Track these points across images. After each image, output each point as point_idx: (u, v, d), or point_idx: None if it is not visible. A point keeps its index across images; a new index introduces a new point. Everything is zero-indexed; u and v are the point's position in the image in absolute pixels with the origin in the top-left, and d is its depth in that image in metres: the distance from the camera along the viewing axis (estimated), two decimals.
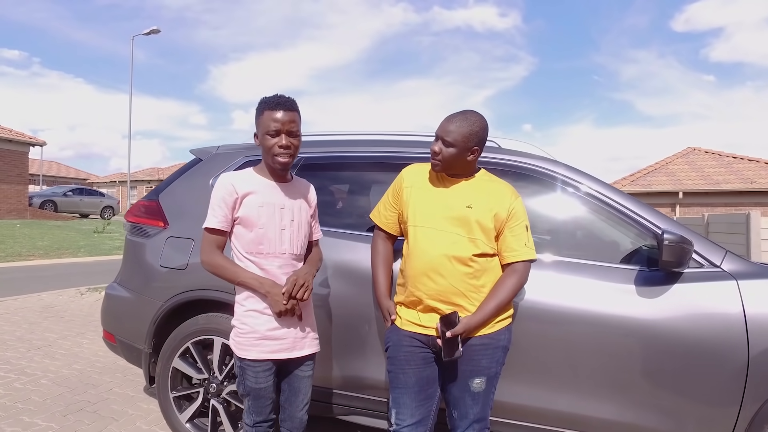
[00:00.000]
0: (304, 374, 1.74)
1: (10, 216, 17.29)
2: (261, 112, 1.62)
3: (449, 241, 1.62)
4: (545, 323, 1.89)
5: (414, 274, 1.65)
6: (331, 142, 2.49)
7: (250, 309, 1.65)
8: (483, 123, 1.65)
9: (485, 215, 1.63)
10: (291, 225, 1.69)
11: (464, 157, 1.63)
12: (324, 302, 2.13)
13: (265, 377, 1.66)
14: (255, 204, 1.64)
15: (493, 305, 1.62)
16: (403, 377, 1.68)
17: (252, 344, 1.64)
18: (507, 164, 2.18)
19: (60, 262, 9.14)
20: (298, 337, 1.69)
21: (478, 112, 1.67)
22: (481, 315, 1.61)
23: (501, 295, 1.63)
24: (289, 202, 1.70)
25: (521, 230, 1.66)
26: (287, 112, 1.60)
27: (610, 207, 2.04)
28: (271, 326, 1.64)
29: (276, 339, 1.65)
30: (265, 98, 1.64)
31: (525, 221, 1.68)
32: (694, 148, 17.37)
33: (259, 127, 1.64)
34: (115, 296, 2.57)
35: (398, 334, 1.70)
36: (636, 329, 1.82)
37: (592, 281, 1.91)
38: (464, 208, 1.64)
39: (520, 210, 1.67)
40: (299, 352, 1.70)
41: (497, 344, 1.66)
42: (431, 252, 1.62)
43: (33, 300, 5.61)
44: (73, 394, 2.94)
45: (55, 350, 3.77)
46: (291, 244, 1.68)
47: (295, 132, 1.63)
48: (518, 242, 1.65)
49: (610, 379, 1.84)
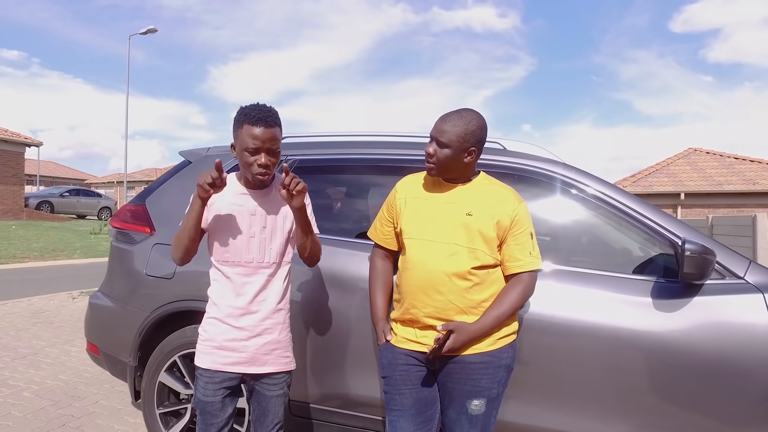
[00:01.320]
0: (272, 393, 1.61)
1: (6, 217, 17.14)
2: (239, 125, 1.50)
3: (447, 254, 1.49)
4: (552, 337, 1.76)
5: (410, 290, 1.53)
6: (328, 144, 2.36)
7: (211, 316, 1.59)
8: (480, 121, 1.52)
9: (487, 223, 1.50)
10: (262, 232, 1.57)
11: (461, 159, 1.51)
12: (319, 313, 2.00)
13: (213, 390, 1.55)
14: (224, 210, 1.56)
15: (494, 315, 1.49)
16: (400, 398, 1.55)
17: (207, 352, 1.56)
18: (512, 167, 2.05)
19: (55, 265, 9.01)
20: (261, 352, 1.57)
21: (475, 110, 1.54)
22: (479, 323, 1.48)
23: (503, 307, 1.50)
24: (264, 209, 1.59)
25: (525, 238, 1.53)
26: (268, 128, 1.47)
27: (624, 214, 1.92)
28: (228, 336, 1.55)
29: (232, 350, 1.55)
30: (245, 110, 1.50)
31: (530, 228, 1.55)
32: (696, 149, 17.27)
33: (236, 140, 1.52)
34: (99, 306, 2.43)
35: (393, 352, 1.58)
36: (653, 345, 1.69)
37: (603, 293, 1.78)
38: (464, 215, 1.51)
39: (524, 216, 1.54)
40: (260, 368, 1.57)
41: (499, 363, 1.52)
42: (428, 266, 1.50)
43: (23, 305, 5.47)
44: (57, 407, 2.81)
45: (42, 359, 3.64)
46: (260, 252, 1.57)
47: (276, 150, 1.52)
48: (522, 251, 1.52)
49: (624, 399, 1.71)
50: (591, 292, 1.79)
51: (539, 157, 2.11)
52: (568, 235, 2.09)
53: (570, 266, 1.87)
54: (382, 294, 1.67)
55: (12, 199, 17.65)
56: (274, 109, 1.53)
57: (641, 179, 16.01)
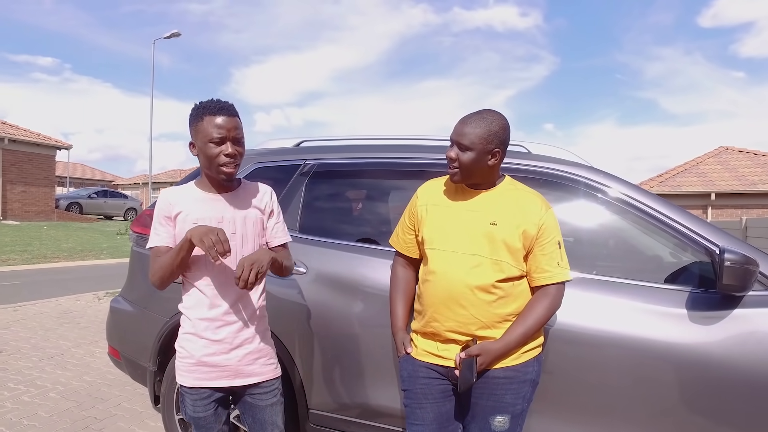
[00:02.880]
0: (265, 403, 1.55)
1: (38, 218, 17.73)
2: (200, 118, 1.44)
3: (470, 266, 1.43)
4: (579, 347, 1.67)
5: (431, 302, 1.47)
6: (345, 148, 2.32)
7: (187, 332, 1.50)
8: (502, 122, 1.46)
9: (512, 233, 1.43)
10: (232, 239, 1.47)
11: (484, 162, 1.44)
12: (338, 320, 1.96)
13: (203, 406, 1.51)
14: (189, 221, 1.46)
15: (519, 332, 1.42)
16: (421, 413, 1.50)
17: (188, 370, 1.49)
18: (537, 171, 1.98)
19: (82, 264, 9.25)
20: (244, 363, 1.50)
21: (496, 111, 1.48)
22: (503, 342, 1.41)
23: (529, 321, 1.43)
24: (231, 214, 1.50)
25: (553, 247, 1.45)
26: (231, 117, 1.43)
27: (656, 220, 1.82)
28: (207, 351, 1.47)
29: (214, 366, 1.48)
30: (203, 103, 1.46)
31: (557, 237, 1.47)
32: (727, 147, 16.67)
33: (197, 135, 1.44)
34: (120, 310, 2.45)
35: (414, 365, 1.52)
36: (688, 360, 1.59)
37: (634, 303, 1.69)
38: (488, 225, 1.44)
39: (552, 224, 1.47)
40: (245, 379, 1.51)
41: (524, 378, 1.45)
42: (450, 278, 1.44)
43: (51, 305, 5.61)
44: (81, 409, 2.85)
45: (68, 359, 3.71)
46: (231, 260, 1.48)
47: (240, 139, 1.46)
48: (550, 262, 1.45)
49: (654, 415, 1.61)
50: (620, 302, 1.71)
51: (565, 161, 2.03)
52: (595, 242, 2.00)
53: (597, 275, 1.79)
54: (403, 303, 1.62)
55: (44, 201, 18.25)
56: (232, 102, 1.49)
57: (669, 179, 15.54)
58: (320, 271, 2.01)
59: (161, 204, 1.51)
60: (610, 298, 1.72)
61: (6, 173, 17.00)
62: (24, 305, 5.52)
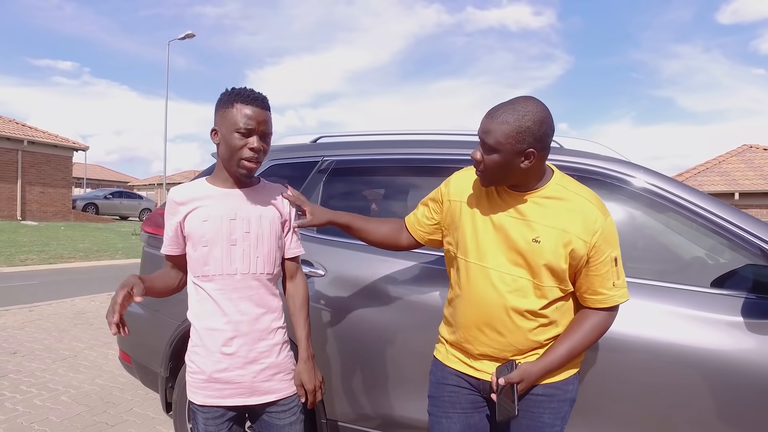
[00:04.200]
0: (283, 422, 1.40)
1: (55, 219, 17.98)
2: (229, 105, 1.30)
3: (509, 288, 1.24)
4: (625, 355, 1.53)
5: (464, 324, 1.32)
6: (365, 144, 2.21)
7: (196, 344, 1.36)
8: (539, 114, 1.17)
9: (557, 252, 1.20)
10: (245, 238, 1.34)
11: (516, 166, 1.19)
12: (355, 325, 1.85)
13: (216, 426, 1.36)
14: (199, 218, 1.34)
15: (563, 352, 1.24)
16: (447, 423, 1.36)
17: (199, 387, 1.35)
18: (571, 168, 1.83)
19: (98, 265, 9.29)
20: (260, 379, 1.35)
21: (533, 99, 1.19)
22: (545, 362, 1.25)
23: (575, 341, 1.25)
24: (246, 211, 1.36)
25: (609, 266, 1.23)
26: (263, 110, 1.31)
27: (702, 218, 1.67)
28: (219, 367, 1.33)
29: (227, 382, 1.33)
30: (235, 89, 1.32)
31: (615, 252, 1.24)
32: (751, 145, 16.20)
33: (223, 122, 1.31)
34: (131, 313, 2.36)
35: (443, 370, 1.38)
36: (745, 372, 1.44)
37: (683, 310, 1.54)
38: (529, 242, 1.22)
39: (609, 238, 1.22)
40: (262, 397, 1.36)
41: (564, 396, 1.30)
42: (485, 300, 1.26)
43: (66, 306, 5.60)
44: (92, 414, 2.77)
45: (80, 361, 3.66)
46: (244, 262, 1.34)
47: (268, 135, 1.34)
48: (605, 283, 1.24)
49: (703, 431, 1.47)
50: (663, 308, 1.56)
51: (601, 156, 1.88)
52: (636, 244, 1.86)
53: (640, 278, 1.64)
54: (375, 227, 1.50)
55: (61, 202, 18.50)
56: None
57: (690, 178, 15.15)
58: (340, 273, 1.89)
59: (168, 205, 1.39)
60: (651, 304, 1.57)
61: (25, 174, 17.27)
62: (39, 305, 5.52)
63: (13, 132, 16.92)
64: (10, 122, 17.82)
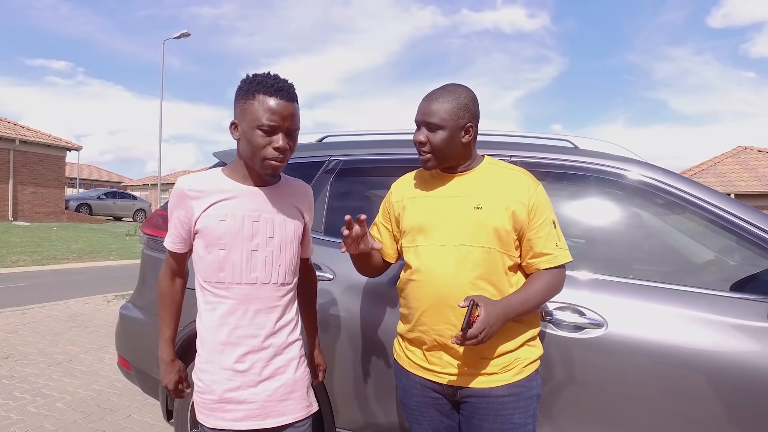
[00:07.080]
0: None
1: (48, 219, 17.76)
2: (250, 96, 1.16)
3: (458, 259, 1.26)
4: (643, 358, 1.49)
5: (418, 306, 1.31)
6: (373, 143, 2.15)
7: (205, 360, 1.24)
8: (470, 93, 1.32)
9: (500, 215, 1.27)
10: (268, 244, 1.23)
11: (458, 140, 1.30)
12: (362, 330, 1.79)
13: None
14: (216, 216, 1.20)
15: (520, 297, 1.24)
16: (419, 428, 1.40)
17: (209, 408, 1.23)
18: (585, 168, 1.79)
19: (92, 266, 9.16)
20: (275, 399, 1.24)
21: (461, 84, 1.34)
22: (503, 302, 1.21)
23: (530, 293, 1.26)
24: (270, 213, 1.24)
25: (548, 228, 1.29)
26: (289, 102, 1.17)
27: (723, 220, 1.63)
28: (230, 385, 1.22)
29: (239, 403, 1.22)
30: (257, 77, 1.18)
31: (551, 215, 1.31)
32: (746, 147, 16.31)
33: (244, 116, 1.17)
34: (130, 318, 2.29)
35: (407, 378, 1.39)
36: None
37: (703, 315, 1.50)
38: (471, 210, 1.28)
39: (543, 202, 1.30)
40: (277, 419, 1.25)
41: (530, 393, 1.30)
42: (435, 276, 1.27)
43: (60, 308, 5.49)
44: (89, 421, 2.69)
45: (76, 366, 3.57)
46: (266, 270, 1.23)
47: (295, 131, 1.20)
48: (547, 244, 1.28)
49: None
50: (681, 312, 1.51)
51: (616, 156, 1.84)
52: (652, 247, 1.81)
53: (656, 282, 1.60)
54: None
55: (54, 202, 18.28)
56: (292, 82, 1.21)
57: None
58: (349, 277, 1.83)
59: (176, 195, 1.23)
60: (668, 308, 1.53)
61: (17, 174, 17.05)
62: (33, 308, 5.41)
63: (4, 131, 16.69)
64: (1, 121, 17.58)
